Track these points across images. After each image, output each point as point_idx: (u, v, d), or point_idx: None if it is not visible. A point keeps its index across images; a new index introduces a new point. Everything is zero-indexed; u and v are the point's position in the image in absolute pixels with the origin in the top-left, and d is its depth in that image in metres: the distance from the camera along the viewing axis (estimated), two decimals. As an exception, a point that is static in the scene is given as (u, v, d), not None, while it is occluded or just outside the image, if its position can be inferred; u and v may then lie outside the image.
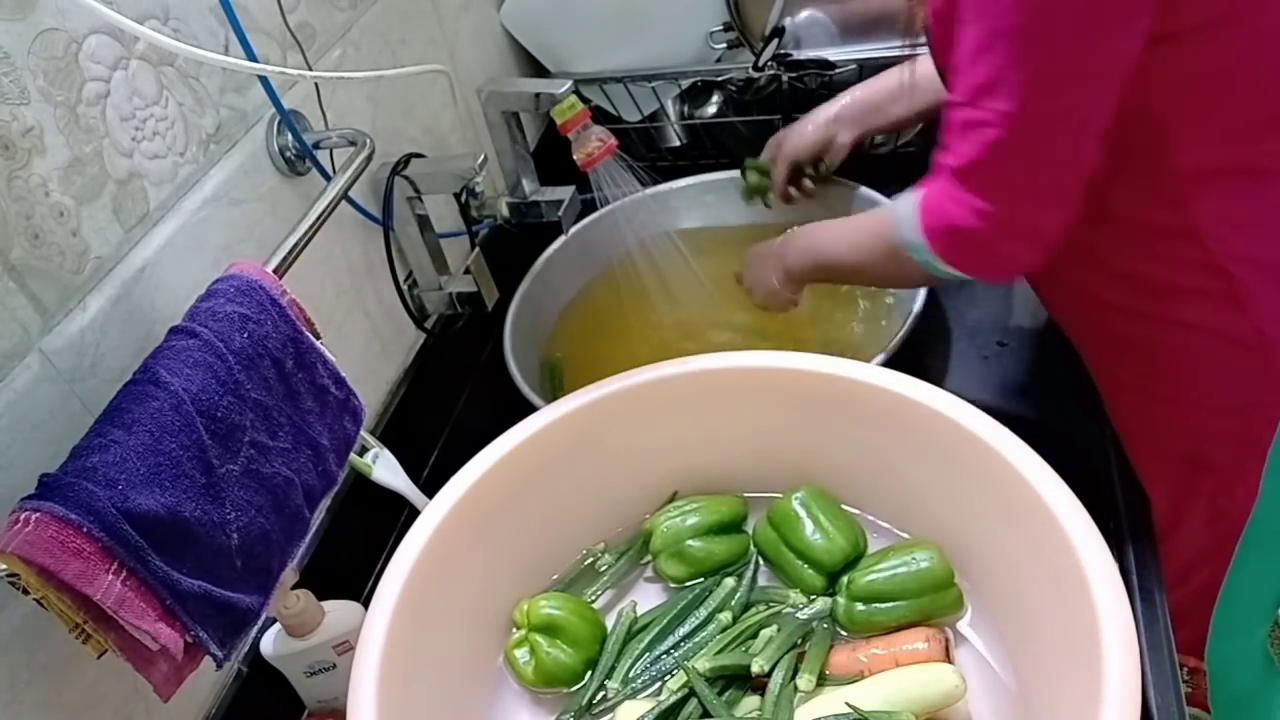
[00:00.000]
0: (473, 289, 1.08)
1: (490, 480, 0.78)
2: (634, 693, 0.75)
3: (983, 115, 0.71)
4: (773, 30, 1.26)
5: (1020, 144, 0.72)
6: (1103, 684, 0.57)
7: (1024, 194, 0.75)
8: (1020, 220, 0.76)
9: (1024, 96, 0.69)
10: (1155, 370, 0.88)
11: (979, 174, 0.74)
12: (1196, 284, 0.80)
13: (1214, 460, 0.90)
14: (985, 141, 0.72)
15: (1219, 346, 0.83)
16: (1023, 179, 0.74)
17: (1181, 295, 0.82)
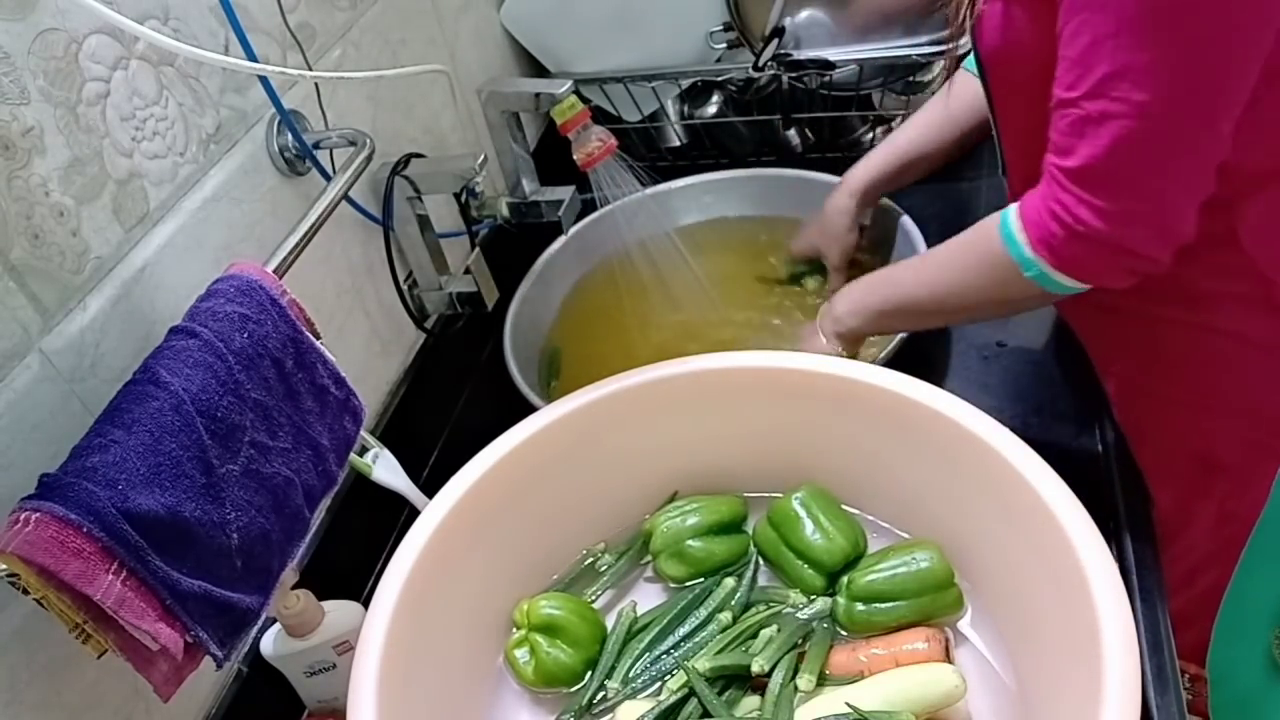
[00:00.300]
0: (473, 289, 1.08)
1: (490, 480, 0.78)
2: (634, 693, 0.75)
3: (1112, 107, 0.66)
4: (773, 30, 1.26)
5: (1156, 135, 0.67)
6: (1103, 684, 0.57)
7: (1158, 189, 0.70)
8: (1153, 217, 0.71)
9: (1162, 83, 0.65)
10: (1176, 374, 0.87)
11: (1106, 171, 0.69)
12: (1229, 288, 0.79)
13: (1227, 463, 0.89)
14: (1117, 135, 0.67)
15: (1246, 351, 0.82)
16: (1155, 172, 0.69)
17: (1215, 301, 0.80)
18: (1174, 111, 0.66)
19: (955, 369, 1.02)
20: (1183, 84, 0.65)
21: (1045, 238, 0.73)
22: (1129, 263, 0.73)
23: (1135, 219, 0.70)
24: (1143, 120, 0.66)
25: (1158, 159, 0.68)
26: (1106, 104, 0.67)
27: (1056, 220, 0.72)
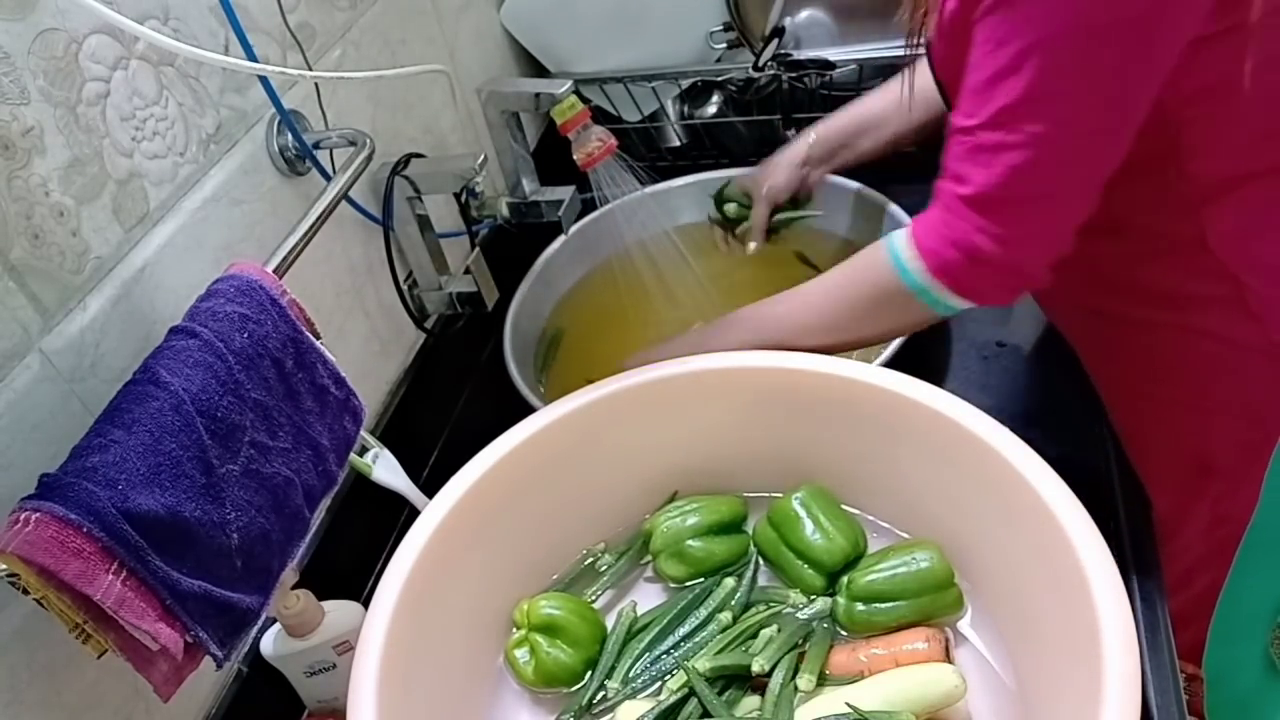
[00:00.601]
0: (473, 289, 1.08)
1: (490, 480, 0.78)
2: (634, 693, 0.76)
3: (1008, 138, 0.68)
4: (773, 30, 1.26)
5: (1051, 167, 0.69)
6: (1103, 684, 0.57)
7: (1050, 215, 0.72)
8: (1043, 242, 0.74)
9: (1059, 117, 0.67)
10: (1162, 376, 0.87)
11: (1002, 199, 0.71)
12: (1208, 291, 0.80)
13: (1218, 465, 0.90)
14: (1012, 165, 0.69)
15: (1229, 352, 0.82)
16: (1046, 199, 0.72)
17: (1192, 302, 0.81)
18: (1066, 145, 0.69)
19: (955, 369, 1.02)
20: (1075, 117, 0.67)
21: (943, 266, 0.75)
22: (1019, 282, 0.76)
23: (1027, 242, 0.73)
24: (1036, 151, 0.68)
25: (1049, 186, 0.71)
26: (1003, 135, 0.68)
27: (954, 247, 0.73)
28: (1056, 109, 0.67)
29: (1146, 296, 0.83)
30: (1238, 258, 0.77)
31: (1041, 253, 0.75)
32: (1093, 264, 0.85)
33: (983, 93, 0.69)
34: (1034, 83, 0.66)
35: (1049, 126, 0.67)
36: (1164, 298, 0.82)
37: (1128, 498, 0.87)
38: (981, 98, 0.69)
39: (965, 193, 0.72)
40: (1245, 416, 0.86)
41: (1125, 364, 0.91)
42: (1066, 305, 0.94)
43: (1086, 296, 0.88)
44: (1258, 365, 0.82)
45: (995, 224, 0.72)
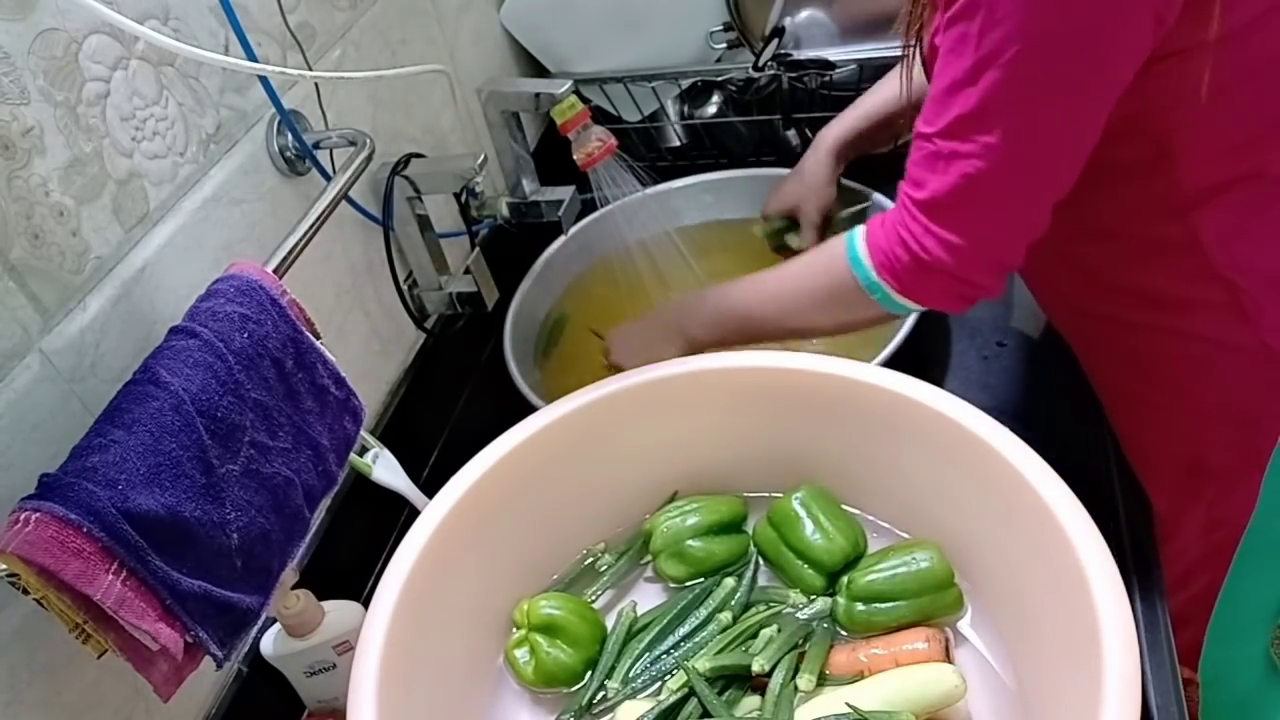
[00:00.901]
0: (473, 289, 1.08)
1: (490, 480, 0.78)
2: (634, 693, 0.75)
3: (962, 147, 0.70)
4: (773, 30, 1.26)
5: (1003, 177, 0.71)
6: (1103, 684, 0.57)
7: (998, 226, 0.74)
8: (991, 252, 0.75)
9: (1013, 131, 0.68)
10: (1157, 379, 0.87)
11: (952, 206, 0.73)
12: (1200, 295, 0.80)
13: (1213, 468, 0.90)
14: (965, 174, 0.70)
15: (1222, 356, 0.82)
16: (999, 211, 0.73)
17: (1185, 307, 0.81)
18: (1018, 157, 0.70)
19: (955, 369, 1.02)
20: (1027, 131, 0.69)
21: (890, 264, 0.77)
22: (965, 290, 0.77)
23: (974, 252, 0.74)
24: (988, 162, 0.69)
25: (999, 198, 0.72)
26: (957, 144, 0.70)
27: (903, 247, 0.76)
28: (1009, 122, 0.68)
29: (1140, 300, 0.83)
30: (1229, 261, 0.77)
31: (987, 263, 0.76)
32: (1087, 267, 0.85)
33: (941, 101, 0.70)
34: (988, 96, 0.67)
35: (1001, 139, 0.69)
36: (1157, 301, 0.82)
37: (1128, 498, 0.87)
38: (940, 106, 0.70)
39: (920, 197, 0.74)
40: (1239, 420, 0.86)
41: (1120, 366, 0.91)
42: (1063, 306, 0.95)
43: (1082, 298, 0.88)
44: (1250, 369, 0.82)
45: (945, 230, 0.73)
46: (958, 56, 0.68)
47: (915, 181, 0.74)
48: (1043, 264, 0.91)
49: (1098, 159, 0.76)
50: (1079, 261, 0.85)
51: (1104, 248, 0.82)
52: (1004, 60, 0.66)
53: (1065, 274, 0.88)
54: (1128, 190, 0.78)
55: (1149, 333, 0.85)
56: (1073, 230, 0.83)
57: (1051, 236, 0.85)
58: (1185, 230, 0.77)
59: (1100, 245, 0.82)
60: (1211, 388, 0.85)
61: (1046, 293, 0.96)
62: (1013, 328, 1.05)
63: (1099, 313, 0.87)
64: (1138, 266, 0.82)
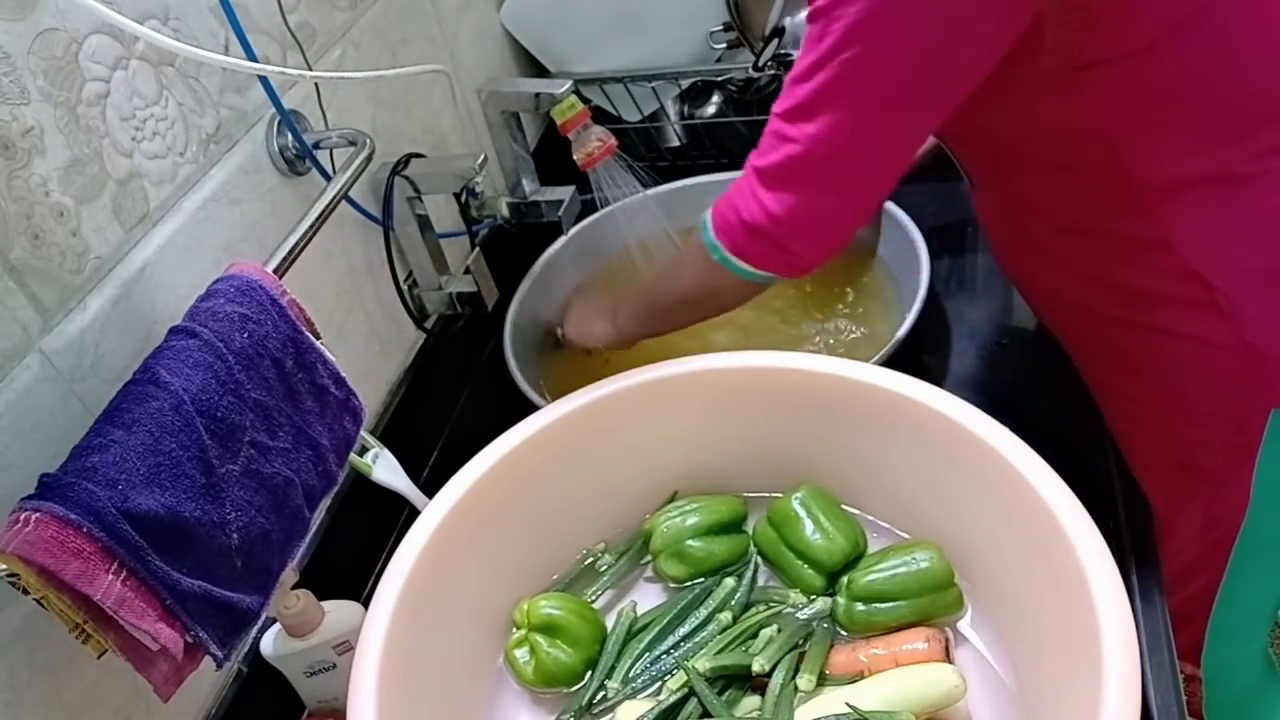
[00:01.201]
0: (473, 289, 1.08)
1: (490, 480, 0.78)
2: (634, 693, 0.75)
3: (790, 131, 0.75)
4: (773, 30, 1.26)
5: (820, 168, 0.76)
6: (1103, 684, 0.57)
7: (816, 207, 0.79)
8: (807, 228, 0.80)
9: (832, 131, 0.73)
10: (1144, 377, 0.87)
11: (778, 179, 0.78)
12: (1177, 293, 0.80)
13: (1205, 466, 0.90)
14: (789, 155, 0.76)
15: (1205, 353, 0.82)
16: (817, 194, 0.78)
17: (1164, 304, 0.81)
18: (835, 152, 0.75)
19: (955, 369, 1.02)
20: (845, 133, 0.74)
21: (722, 225, 0.83)
22: (788, 258, 0.82)
23: (790, 224, 0.79)
24: (808, 150, 0.75)
25: (816, 184, 0.78)
26: (789, 128, 0.76)
27: (732, 209, 0.82)
28: (830, 122, 0.73)
29: (1121, 297, 0.83)
30: (1203, 259, 0.77)
31: (806, 239, 0.81)
32: (1071, 264, 0.85)
33: (787, 86, 0.76)
34: (816, 93, 0.73)
35: (821, 134, 0.74)
36: (1137, 298, 0.82)
37: (1127, 498, 0.87)
38: (786, 90, 0.76)
39: (756, 164, 0.80)
40: (1226, 418, 0.86)
41: (1110, 364, 0.91)
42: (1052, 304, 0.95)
43: (1068, 295, 0.88)
44: (1232, 366, 0.82)
45: (770, 200, 0.79)
46: (806, 51, 0.73)
47: (759, 149, 0.80)
48: (1029, 261, 0.91)
49: (1058, 162, 0.77)
50: (1062, 258, 0.85)
51: (1082, 245, 0.83)
52: (836, 63, 0.71)
53: (1049, 271, 0.88)
54: (1094, 190, 0.78)
55: (1133, 330, 0.85)
56: (1053, 228, 0.83)
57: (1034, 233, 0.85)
58: (1156, 228, 0.77)
59: (1079, 242, 0.83)
60: (1195, 385, 0.85)
61: (1034, 291, 0.96)
62: (1013, 328, 1.05)
63: (1084, 310, 0.87)
64: (1115, 263, 0.82)
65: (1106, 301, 0.85)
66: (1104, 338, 0.88)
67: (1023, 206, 0.86)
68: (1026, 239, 0.88)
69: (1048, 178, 0.81)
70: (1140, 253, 0.80)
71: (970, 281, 1.12)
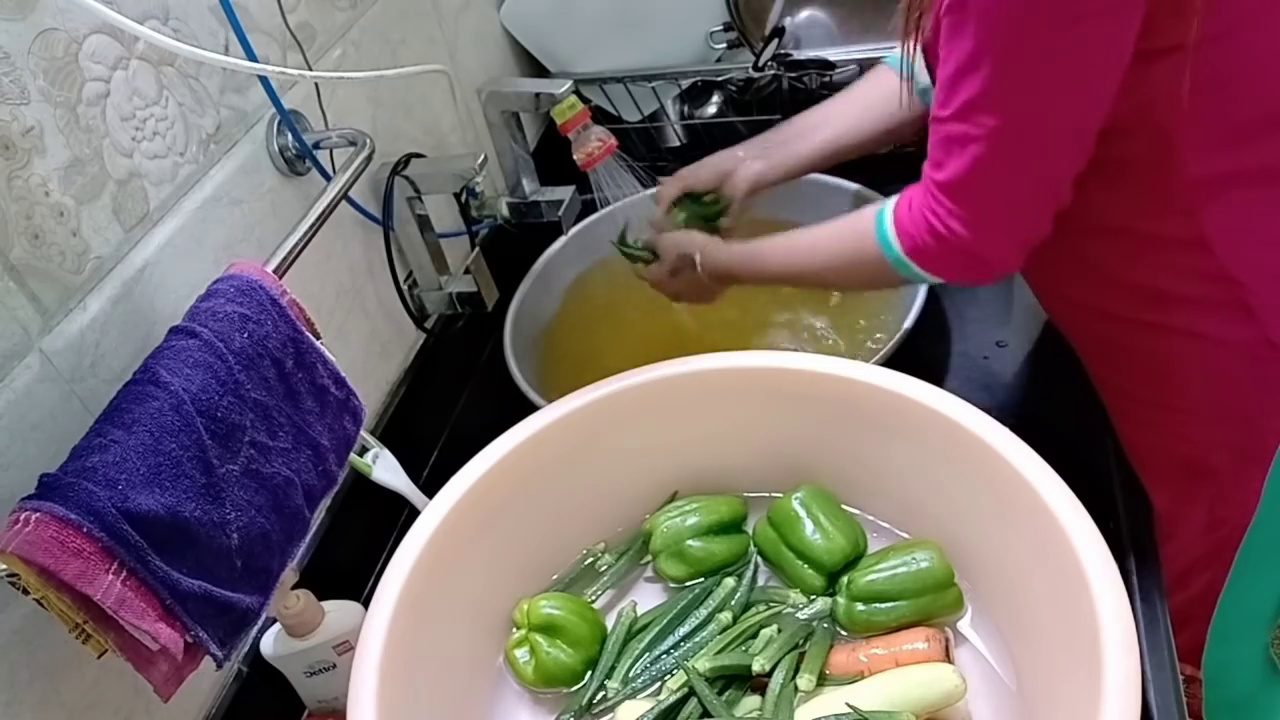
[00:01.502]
0: (473, 289, 1.08)
1: (490, 480, 0.78)
2: (634, 693, 0.75)
3: (970, 130, 0.73)
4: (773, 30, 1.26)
5: (1007, 158, 0.73)
6: (1103, 684, 0.57)
7: (1009, 204, 0.77)
8: (1004, 228, 0.78)
9: (1010, 112, 0.71)
10: (1160, 379, 0.87)
11: (966, 188, 0.76)
12: (1204, 293, 0.80)
13: (1214, 467, 0.90)
14: (974, 156, 0.73)
15: (1226, 356, 0.82)
16: (1008, 190, 0.76)
17: (1188, 305, 0.81)
18: (1021, 137, 0.73)
19: (955, 369, 1.02)
20: (1028, 114, 0.72)
21: (918, 248, 0.80)
22: (987, 267, 0.80)
23: (993, 229, 0.77)
24: (994, 143, 0.72)
25: (1010, 178, 0.75)
26: (967, 128, 0.73)
27: (930, 233, 0.79)
28: (1010, 106, 0.71)
29: (1143, 298, 0.83)
30: (1235, 258, 0.77)
31: (1007, 239, 0.79)
32: (1089, 264, 0.85)
33: (949, 87, 0.73)
34: (989, 81, 0.70)
35: (1005, 122, 0.71)
36: (1158, 299, 0.82)
37: (1128, 498, 0.87)
38: (948, 91, 0.73)
39: (940, 178, 0.77)
40: (1239, 420, 0.86)
41: (1121, 363, 0.91)
42: (1064, 303, 0.95)
43: (1083, 295, 0.88)
44: (1250, 368, 0.82)
45: (963, 209, 0.76)
46: (959, 43, 0.70)
47: (935, 163, 0.77)
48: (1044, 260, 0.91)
49: (1100, 156, 0.76)
50: (1081, 258, 0.85)
51: (1106, 244, 0.82)
52: (1001, 47, 0.68)
53: (1067, 270, 0.88)
54: (1132, 186, 0.78)
55: (1151, 331, 0.85)
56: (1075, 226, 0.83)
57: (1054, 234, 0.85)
58: (1190, 226, 0.77)
59: (1103, 241, 0.82)
60: (1212, 387, 0.85)
61: (1047, 290, 0.96)
62: (1013, 328, 1.05)
63: (1100, 310, 0.87)
64: (1142, 264, 0.82)
65: (1127, 302, 0.85)
66: (1119, 338, 0.88)
67: None
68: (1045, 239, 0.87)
69: (1085, 175, 0.79)
70: (1170, 252, 0.79)
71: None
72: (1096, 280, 0.86)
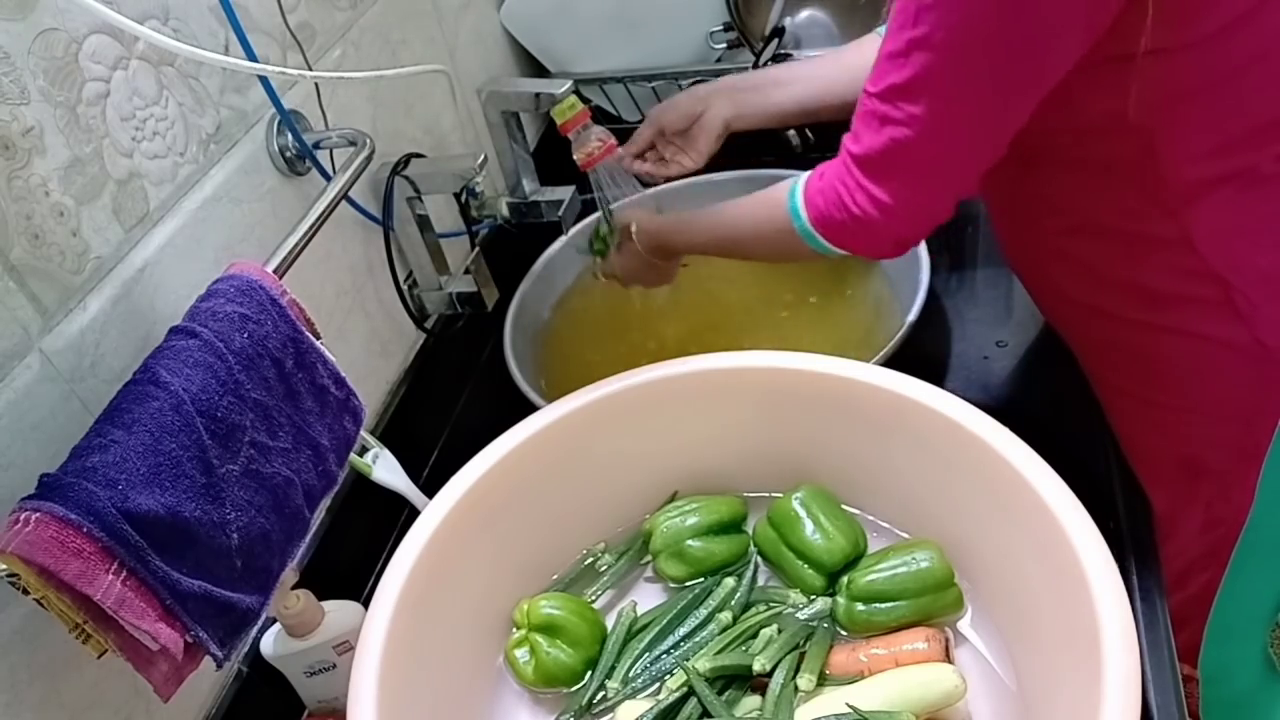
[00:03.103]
0: (473, 289, 1.08)
1: (490, 480, 0.78)
2: (634, 693, 0.76)
3: (892, 112, 0.73)
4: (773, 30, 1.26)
5: (926, 147, 0.74)
6: (1103, 684, 0.57)
7: (920, 188, 0.78)
8: (912, 209, 0.79)
9: (936, 108, 0.72)
10: (1153, 377, 0.88)
11: (881, 165, 0.77)
12: (1193, 292, 0.80)
13: (1211, 467, 0.90)
14: (892, 138, 0.74)
15: (1217, 354, 0.83)
16: (922, 176, 0.77)
17: (1179, 304, 0.81)
18: (940, 130, 0.73)
19: (955, 369, 1.02)
20: (950, 109, 0.72)
21: (823, 219, 0.82)
22: (892, 241, 0.82)
23: (900, 209, 0.78)
24: (913, 130, 0.73)
25: (923, 164, 0.76)
26: (889, 109, 0.74)
27: (837, 204, 0.80)
28: (933, 99, 0.72)
29: (1134, 296, 0.83)
30: (1222, 258, 0.78)
31: (912, 219, 0.80)
32: (1082, 263, 0.85)
33: (882, 66, 0.74)
34: (919, 71, 0.71)
35: (925, 112, 0.72)
36: (1150, 298, 0.83)
37: (1128, 498, 0.87)
38: (881, 70, 0.74)
39: (855, 151, 0.78)
40: (1234, 419, 0.86)
41: (1116, 363, 0.91)
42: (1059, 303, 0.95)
43: (1078, 295, 0.88)
44: (1244, 366, 0.82)
45: (873, 185, 0.78)
46: (899, 27, 0.71)
47: (854, 134, 0.78)
48: (1038, 260, 0.91)
49: (1085, 155, 0.76)
50: (1073, 258, 0.85)
51: (1097, 244, 0.83)
52: (935, 41, 0.69)
53: (1060, 270, 0.88)
54: (1119, 187, 0.78)
55: (1143, 330, 0.85)
56: (1067, 226, 0.83)
57: (1046, 232, 0.85)
58: (1177, 227, 0.77)
59: (1094, 241, 0.83)
60: (1206, 386, 0.85)
61: (1043, 290, 0.96)
62: (1013, 328, 1.05)
63: (1094, 309, 0.87)
64: (1131, 263, 0.82)
65: (1118, 301, 0.85)
66: (1113, 337, 0.88)
67: (1038, 205, 0.86)
68: (1038, 238, 0.87)
69: (1072, 176, 0.81)
70: (1158, 252, 0.80)
71: (970, 281, 1.12)
72: (1090, 279, 0.86)
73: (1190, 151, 0.74)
